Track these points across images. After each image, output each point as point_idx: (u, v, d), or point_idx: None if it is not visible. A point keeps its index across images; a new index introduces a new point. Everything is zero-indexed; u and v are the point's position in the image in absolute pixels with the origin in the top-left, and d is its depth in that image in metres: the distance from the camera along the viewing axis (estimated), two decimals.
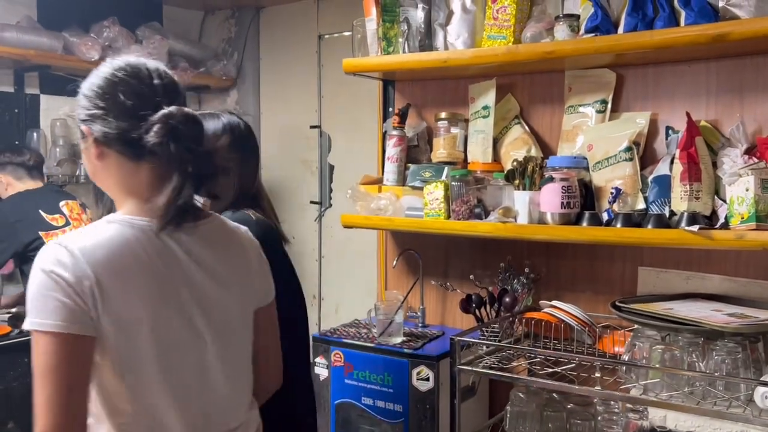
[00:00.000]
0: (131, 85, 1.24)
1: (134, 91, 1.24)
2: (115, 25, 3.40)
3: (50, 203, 3.01)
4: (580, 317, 2.03)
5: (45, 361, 1.11)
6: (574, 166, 2.06)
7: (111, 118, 1.23)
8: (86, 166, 1.32)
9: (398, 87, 2.60)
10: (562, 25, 2.03)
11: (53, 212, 2.97)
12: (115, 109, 1.22)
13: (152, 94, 1.24)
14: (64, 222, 2.96)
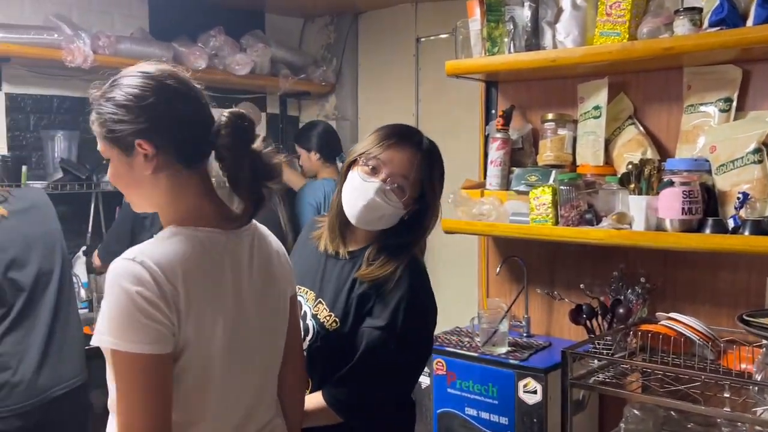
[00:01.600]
0: (183, 93, 1.24)
1: (188, 98, 1.24)
2: (221, 34, 3.49)
3: None
4: (701, 331, 1.89)
5: (130, 379, 1.13)
6: (695, 169, 1.93)
7: (172, 128, 1.21)
8: (123, 181, 1.25)
9: (501, 88, 2.52)
10: (682, 19, 1.90)
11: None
12: (174, 118, 1.21)
13: (200, 97, 1.26)
14: None
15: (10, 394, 2.16)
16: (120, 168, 1.24)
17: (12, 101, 3.06)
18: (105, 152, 1.25)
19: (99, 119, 1.22)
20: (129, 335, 1.11)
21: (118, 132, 1.20)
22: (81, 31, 2.95)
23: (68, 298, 2.38)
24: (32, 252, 2.26)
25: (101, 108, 1.21)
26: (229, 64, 3.49)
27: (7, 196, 2.29)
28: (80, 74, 3.12)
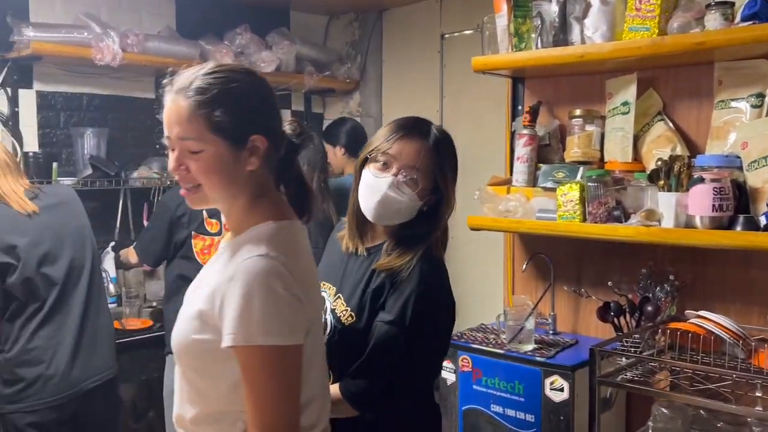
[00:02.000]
0: (269, 89, 1.28)
1: (273, 93, 1.29)
2: (247, 32, 3.51)
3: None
4: (731, 329, 1.87)
5: (286, 372, 1.17)
6: (726, 166, 1.90)
7: (277, 124, 1.27)
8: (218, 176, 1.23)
9: (528, 84, 2.51)
10: (714, 13, 1.88)
11: (213, 215, 2.80)
12: (277, 115, 1.27)
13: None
14: (217, 230, 2.81)
15: (45, 387, 2.20)
16: (220, 162, 1.21)
17: (43, 99, 3.11)
18: (198, 146, 1.20)
19: (206, 113, 1.19)
20: (283, 330, 1.15)
21: (231, 126, 1.20)
22: (110, 29, 2.99)
23: (99, 292, 2.41)
24: (64, 247, 2.29)
25: (211, 101, 1.19)
26: (255, 62, 3.51)
27: (37, 192, 2.32)
28: (109, 72, 3.17)
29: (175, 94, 1.21)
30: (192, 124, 1.19)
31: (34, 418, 2.19)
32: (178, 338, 1.26)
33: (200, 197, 1.25)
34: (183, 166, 1.22)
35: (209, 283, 1.24)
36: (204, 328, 1.20)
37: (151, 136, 3.48)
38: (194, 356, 1.24)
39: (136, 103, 3.42)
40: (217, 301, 1.18)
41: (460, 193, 1.67)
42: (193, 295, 1.30)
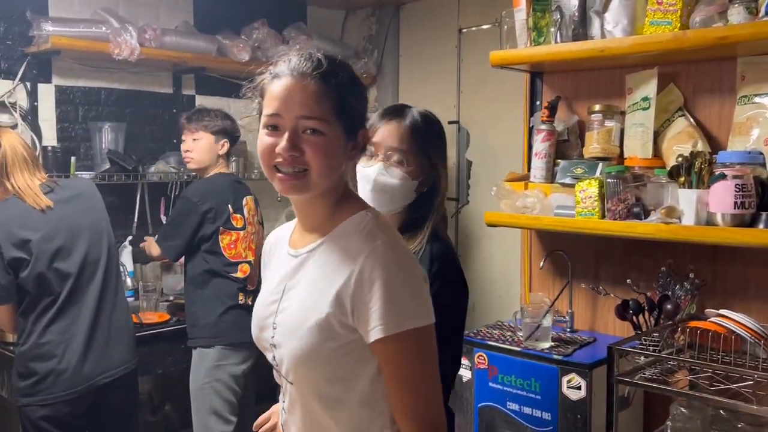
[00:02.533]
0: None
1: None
2: (264, 26, 3.51)
3: (238, 197, 2.83)
4: (752, 328, 1.84)
5: (432, 352, 1.18)
6: (748, 162, 1.87)
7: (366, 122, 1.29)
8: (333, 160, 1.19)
9: (547, 79, 2.49)
10: (737, 7, 1.85)
11: (237, 210, 2.81)
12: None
13: None
14: (242, 225, 2.82)
15: (56, 381, 2.21)
16: (336, 148, 1.19)
17: (61, 93, 3.13)
18: (322, 127, 1.17)
19: (337, 96, 1.18)
20: (425, 310, 1.17)
21: (354, 114, 1.21)
22: (128, 24, 3.00)
23: (115, 287, 2.41)
24: (78, 241, 2.29)
25: (342, 86, 1.19)
26: (272, 57, 3.49)
27: (53, 186, 2.33)
28: (127, 67, 3.18)
29: (299, 74, 1.17)
30: (320, 105, 1.17)
31: (48, 411, 2.21)
32: (302, 354, 1.19)
33: (304, 183, 1.19)
34: (297, 147, 1.17)
35: (315, 287, 1.20)
36: (333, 334, 1.17)
37: (169, 130, 3.49)
38: (326, 365, 1.20)
39: (154, 97, 3.43)
40: (347, 301, 1.15)
41: (478, 189, 1.66)
42: (296, 305, 1.23)
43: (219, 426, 2.75)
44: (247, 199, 2.90)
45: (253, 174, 3.60)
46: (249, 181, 3.39)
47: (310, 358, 1.19)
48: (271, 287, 1.31)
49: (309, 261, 1.25)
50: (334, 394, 1.21)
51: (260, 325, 1.31)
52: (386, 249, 1.16)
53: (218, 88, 3.63)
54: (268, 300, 1.30)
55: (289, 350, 1.21)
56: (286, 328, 1.23)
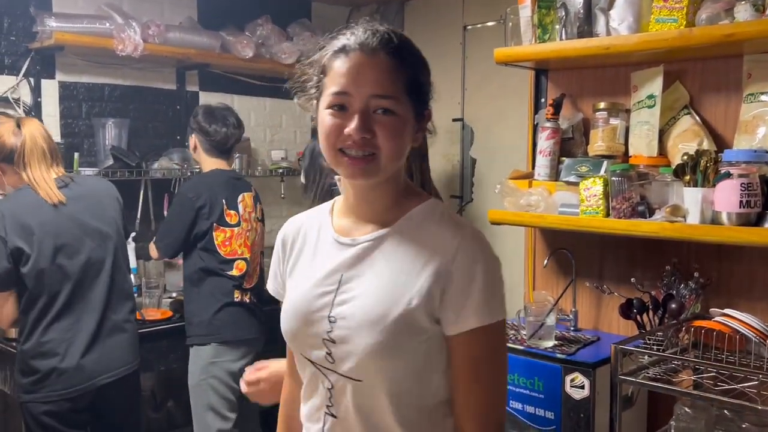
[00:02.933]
0: None
1: None
2: (268, 23, 3.51)
3: (234, 193, 2.84)
4: (757, 328, 1.82)
5: (505, 349, 1.17)
6: (754, 161, 1.85)
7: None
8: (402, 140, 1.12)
9: (551, 76, 2.47)
10: (744, 4, 1.83)
11: (232, 207, 2.82)
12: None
13: None
14: (236, 221, 2.83)
15: (58, 379, 2.22)
16: (406, 128, 1.12)
17: (65, 89, 3.13)
18: (394, 106, 1.10)
19: (408, 73, 1.11)
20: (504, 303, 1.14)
21: (423, 92, 1.15)
22: (132, 20, 3.00)
23: (121, 289, 2.40)
24: (84, 240, 2.29)
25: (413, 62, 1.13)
26: (276, 53, 3.50)
27: (68, 182, 2.33)
28: (131, 63, 3.18)
29: (369, 50, 1.09)
30: (393, 83, 1.09)
31: (50, 407, 2.22)
32: (382, 348, 1.10)
33: (373, 167, 1.11)
34: (369, 129, 1.09)
35: (393, 278, 1.13)
36: (417, 326, 1.11)
37: (172, 127, 3.49)
38: (406, 359, 1.12)
39: (158, 93, 3.44)
40: (438, 292, 1.10)
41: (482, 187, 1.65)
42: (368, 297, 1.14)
43: (217, 422, 2.77)
44: (244, 195, 2.90)
45: (257, 171, 3.60)
46: (253, 178, 3.39)
47: (392, 353, 1.11)
48: (317, 278, 1.19)
49: (375, 250, 1.16)
50: (407, 391, 1.14)
51: (307, 319, 1.18)
52: (477, 238, 1.13)
53: (222, 84, 3.63)
54: (316, 291, 1.18)
55: (362, 345, 1.11)
56: (355, 322, 1.13)
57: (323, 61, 1.14)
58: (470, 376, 1.12)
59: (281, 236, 1.31)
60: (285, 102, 3.94)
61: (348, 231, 1.20)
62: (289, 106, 3.98)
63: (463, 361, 1.12)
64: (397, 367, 1.12)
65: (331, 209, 1.26)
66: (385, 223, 1.17)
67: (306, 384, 1.24)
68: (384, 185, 1.16)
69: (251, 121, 3.76)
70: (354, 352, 1.12)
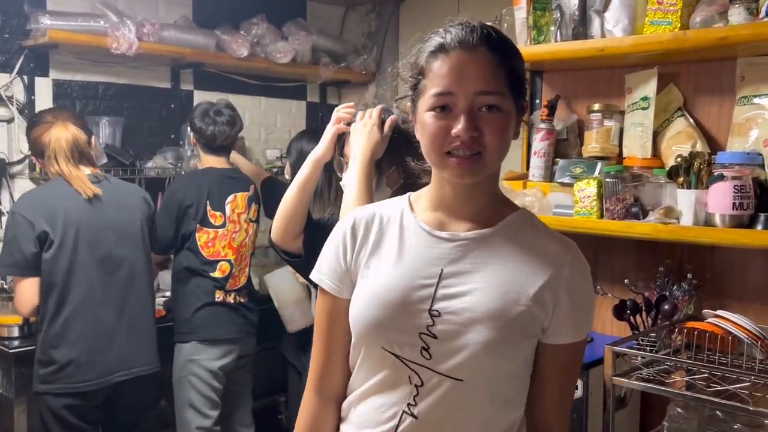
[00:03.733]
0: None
1: None
2: (263, 22, 3.50)
3: (220, 194, 2.84)
4: (750, 329, 1.83)
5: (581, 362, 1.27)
6: (747, 163, 1.87)
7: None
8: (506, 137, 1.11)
9: (546, 78, 2.48)
10: (738, 7, 1.84)
11: (217, 208, 2.82)
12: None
13: None
14: (221, 222, 2.83)
15: (74, 372, 2.26)
16: (510, 124, 1.10)
17: (59, 87, 3.12)
18: (499, 102, 1.08)
19: (510, 67, 1.10)
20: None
21: (523, 86, 1.14)
22: (126, 18, 2.98)
23: (141, 288, 2.45)
24: (107, 234, 2.36)
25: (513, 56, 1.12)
26: (271, 53, 3.50)
27: (101, 179, 2.41)
28: (125, 61, 3.17)
29: (469, 47, 1.07)
30: (497, 78, 1.07)
31: (66, 400, 2.28)
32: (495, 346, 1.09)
33: (480, 166, 1.09)
34: (477, 127, 1.06)
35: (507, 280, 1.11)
36: (530, 329, 1.12)
37: (167, 125, 3.48)
38: (514, 360, 1.13)
39: (152, 92, 3.42)
40: (549, 299, 1.11)
41: None
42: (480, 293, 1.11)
43: (196, 419, 2.81)
44: (236, 195, 2.89)
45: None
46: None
47: (503, 352, 1.10)
48: (410, 269, 1.14)
49: (481, 248, 1.14)
50: (509, 392, 1.15)
51: (401, 310, 1.12)
52: (582, 256, 1.18)
53: (217, 83, 3.62)
54: (413, 283, 1.13)
55: (474, 341, 1.08)
56: (468, 317, 1.09)
57: (420, 62, 1.12)
58: (561, 383, 1.20)
59: (349, 225, 1.22)
60: (280, 101, 3.93)
61: (441, 225, 1.17)
62: (284, 105, 3.98)
63: (557, 369, 1.17)
64: (504, 368, 1.12)
65: (409, 203, 1.22)
66: (485, 222, 1.16)
67: (377, 380, 1.16)
68: (485, 182, 1.14)
69: (246, 120, 3.74)
70: (462, 348, 1.09)
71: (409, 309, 1.12)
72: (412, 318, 1.11)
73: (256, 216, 3.00)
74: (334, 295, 1.21)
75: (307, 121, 4.09)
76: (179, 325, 2.84)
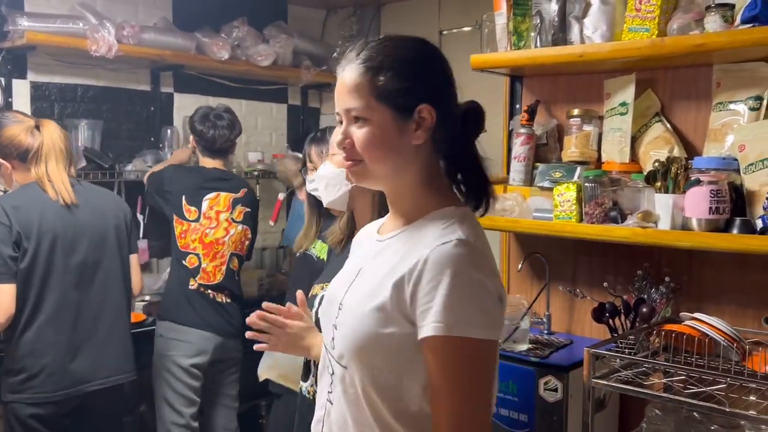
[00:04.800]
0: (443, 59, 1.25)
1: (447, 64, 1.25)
2: (244, 25, 3.49)
3: (201, 190, 2.91)
4: (726, 332, 1.86)
5: (482, 372, 1.12)
6: (723, 168, 1.90)
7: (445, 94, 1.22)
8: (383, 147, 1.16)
9: (526, 83, 2.50)
10: (714, 15, 1.87)
11: (193, 203, 2.88)
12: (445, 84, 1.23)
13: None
14: (195, 217, 2.88)
15: (47, 381, 2.21)
16: (384, 133, 1.16)
17: (37, 89, 3.09)
18: (363, 114, 1.16)
19: (372, 79, 1.15)
20: (488, 322, 1.10)
21: (398, 93, 1.16)
22: (106, 20, 2.96)
23: (116, 295, 2.42)
24: (83, 241, 2.32)
25: (378, 67, 1.15)
26: (252, 55, 3.49)
27: (75, 183, 2.37)
28: (104, 63, 3.14)
29: (345, 67, 1.19)
30: (358, 91, 1.16)
31: (35, 410, 2.22)
32: (358, 337, 1.16)
33: (360, 170, 1.19)
34: (348, 139, 1.18)
35: (383, 272, 1.17)
36: (387, 322, 1.14)
37: (146, 128, 3.46)
38: (380, 351, 1.15)
39: (132, 95, 3.40)
40: (407, 289, 1.11)
41: None
42: (364, 288, 1.20)
43: (171, 416, 2.85)
44: (220, 194, 2.95)
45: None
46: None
47: (365, 340, 1.15)
48: (348, 268, 1.33)
49: (390, 247, 1.22)
50: (385, 387, 1.15)
51: (330, 304, 1.28)
52: (462, 248, 1.10)
53: (197, 86, 3.60)
54: (342, 280, 1.30)
55: (347, 331, 1.19)
56: (348, 309, 1.21)
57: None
58: (438, 386, 1.11)
59: (355, 239, 1.44)
60: (261, 104, 3.93)
61: (383, 229, 1.31)
62: (265, 108, 3.97)
63: (431, 370, 1.11)
64: (374, 358, 1.16)
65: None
66: (408, 223, 1.24)
67: (320, 366, 1.33)
68: (398, 188, 1.22)
69: None
70: (342, 338, 1.20)
71: (333, 302, 1.27)
72: (331, 310, 1.26)
73: (243, 218, 3.00)
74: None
75: (288, 124, 4.09)
76: (162, 301, 2.98)
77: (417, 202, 1.22)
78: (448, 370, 1.10)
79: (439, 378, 1.10)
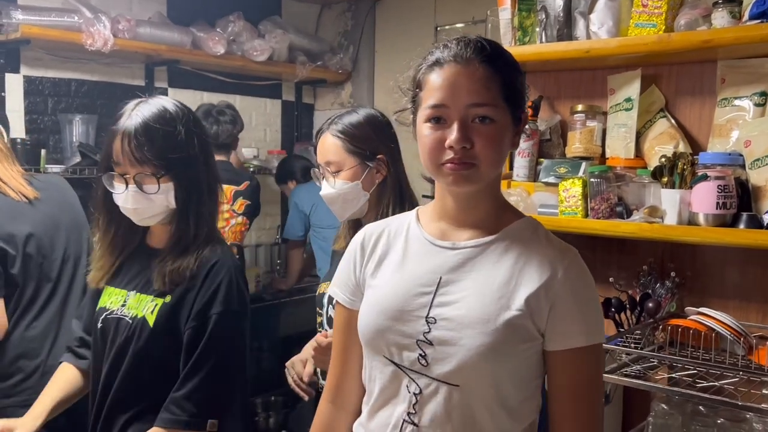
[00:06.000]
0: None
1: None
2: (240, 19, 3.47)
3: None
4: (732, 326, 1.88)
5: (602, 373, 1.24)
6: (729, 164, 1.91)
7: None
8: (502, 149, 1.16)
9: (530, 78, 2.49)
10: (721, 11, 1.88)
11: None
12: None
13: None
14: None
15: (41, 380, 2.16)
16: (504, 135, 1.14)
17: (30, 84, 3.04)
18: (492, 113, 1.12)
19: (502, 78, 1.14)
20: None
21: (519, 96, 1.17)
22: (101, 14, 2.93)
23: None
24: (59, 238, 2.24)
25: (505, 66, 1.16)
26: (248, 50, 3.46)
27: (31, 179, 2.26)
28: (98, 58, 3.11)
29: (463, 60, 1.12)
30: (489, 90, 1.11)
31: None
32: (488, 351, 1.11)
33: (473, 174, 1.13)
34: (468, 138, 1.10)
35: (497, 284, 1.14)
36: (521, 335, 1.12)
37: None
38: (510, 364, 1.13)
39: (126, 89, 3.37)
40: (544, 303, 1.12)
41: None
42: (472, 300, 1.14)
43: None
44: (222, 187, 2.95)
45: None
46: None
47: (497, 356, 1.11)
48: (411, 278, 1.19)
49: (480, 256, 1.17)
50: (512, 401, 1.14)
51: (398, 318, 1.16)
52: (582, 262, 1.19)
53: (192, 81, 3.57)
54: (412, 291, 1.17)
55: (467, 346, 1.11)
56: (460, 323, 1.13)
57: (418, 75, 1.18)
58: (575, 394, 1.15)
59: (360, 240, 1.30)
60: (255, 99, 3.90)
61: (444, 235, 1.21)
62: (260, 103, 3.94)
63: (568, 380, 1.15)
64: (499, 373, 1.12)
65: (416, 215, 1.27)
66: (487, 230, 1.19)
67: (380, 390, 1.20)
68: (485, 191, 1.19)
69: None
70: (456, 354, 1.11)
71: (407, 316, 1.16)
72: (410, 325, 1.15)
73: (245, 210, 3.05)
74: (347, 307, 1.27)
75: (282, 120, 4.06)
76: None
77: (494, 209, 1.21)
78: (592, 376, 1.17)
79: (582, 385, 1.16)
